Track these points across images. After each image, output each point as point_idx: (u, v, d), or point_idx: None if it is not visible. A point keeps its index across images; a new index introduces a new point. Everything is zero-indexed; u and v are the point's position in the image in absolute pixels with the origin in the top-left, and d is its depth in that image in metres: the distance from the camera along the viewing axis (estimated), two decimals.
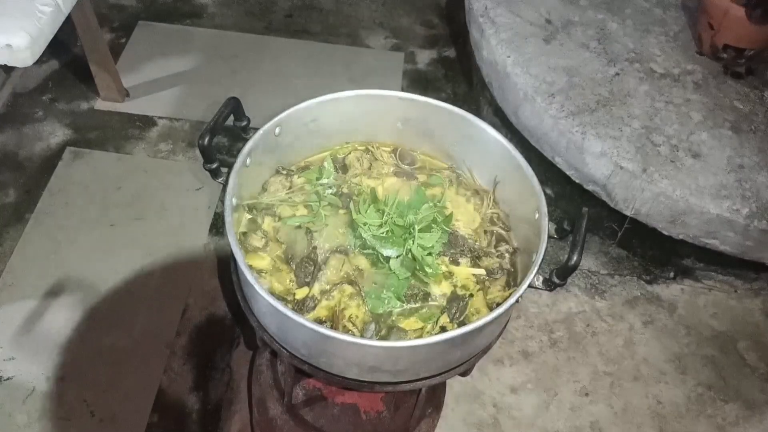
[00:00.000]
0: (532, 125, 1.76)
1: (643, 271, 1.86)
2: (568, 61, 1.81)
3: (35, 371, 1.53)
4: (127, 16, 2.40)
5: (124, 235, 1.79)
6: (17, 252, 1.73)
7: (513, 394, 1.60)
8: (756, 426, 1.61)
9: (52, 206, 1.83)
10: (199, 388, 1.55)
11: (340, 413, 1.25)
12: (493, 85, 1.90)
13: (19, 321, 1.61)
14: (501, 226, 1.13)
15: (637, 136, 1.65)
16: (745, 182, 1.60)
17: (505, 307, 0.93)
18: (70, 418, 1.47)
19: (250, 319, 1.02)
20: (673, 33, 1.93)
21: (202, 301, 1.69)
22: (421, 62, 2.40)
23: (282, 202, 1.10)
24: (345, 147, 1.21)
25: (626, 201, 1.65)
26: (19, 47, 1.42)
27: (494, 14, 1.91)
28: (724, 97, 1.77)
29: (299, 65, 2.31)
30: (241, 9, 2.50)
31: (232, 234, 0.93)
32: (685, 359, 1.70)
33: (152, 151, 2.00)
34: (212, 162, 1.03)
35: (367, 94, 1.15)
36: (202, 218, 1.85)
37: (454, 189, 1.16)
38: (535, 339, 1.70)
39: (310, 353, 0.96)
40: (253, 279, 0.90)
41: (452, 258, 1.07)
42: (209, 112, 2.10)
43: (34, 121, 2.04)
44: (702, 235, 1.63)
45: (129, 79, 2.16)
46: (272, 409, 1.29)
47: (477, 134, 1.13)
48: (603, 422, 1.58)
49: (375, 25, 2.51)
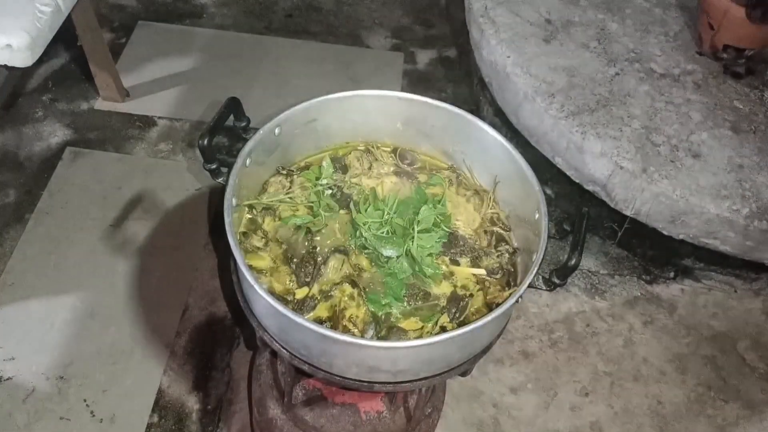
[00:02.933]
0: (532, 125, 1.76)
1: (643, 271, 1.86)
2: (568, 61, 1.81)
3: (35, 371, 1.53)
4: (127, 16, 2.40)
5: (124, 235, 1.79)
6: (17, 252, 1.73)
7: (513, 394, 1.60)
8: (756, 426, 1.61)
9: (52, 206, 1.83)
10: (199, 388, 1.55)
11: (340, 413, 1.25)
12: (493, 85, 1.90)
13: (19, 321, 1.61)
14: (501, 226, 1.13)
15: (637, 136, 1.65)
16: (745, 182, 1.60)
17: (505, 307, 0.93)
18: (70, 418, 1.47)
19: (250, 320, 1.02)
20: (673, 33, 1.93)
21: (202, 301, 1.69)
22: (421, 62, 2.40)
23: (282, 202, 1.10)
24: (345, 147, 1.21)
25: (626, 201, 1.65)
26: (19, 47, 1.43)
27: (494, 14, 1.91)
28: (724, 97, 1.77)
29: (299, 65, 2.31)
30: (241, 9, 2.50)
31: (232, 234, 0.93)
32: (685, 359, 1.70)
33: (152, 151, 2.00)
34: (212, 162, 1.03)
35: (367, 94, 1.15)
36: (202, 218, 1.85)
37: (454, 189, 1.16)
38: (535, 339, 1.70)
39: (310, 353, 0.96)
40: (253, 279, 0.90)
41: (452, 258, 1.08)
42: (209, 112, 2.10)
43: (34, 121, 2.04)
44: (702, 235, 1.63)
45: (129, 79, 2.16)
46: (272, 409, 1.29)
47: (477, 134, 1.13)
48: (603, 422, 1.58)
49: (375, 25, 2.51)
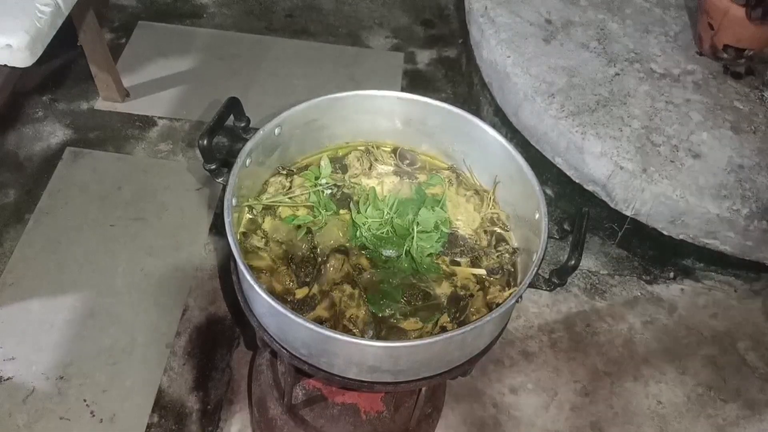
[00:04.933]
0: (532, 125, 1.76)
1: (643, 271, 1.86)
2: (568, 61, 1.81)
3: (35, 371, 1.53)
4: (127, 16, 2.40)
5: (124, 235, 1.79)
6: (17, 252, 1.73)
7: (513, 394, 1.60)
8: (756, 426, 1.61)
9: (52, 206, 1.83)
10: (199, 388, 1.55)
11: (340, 413, 1.25)
12: (493, 85, 1.90)
13: (19, 321, 1.61)
14: (501, 226, 1.13)
15: (637, 136, 1.65)
16: (745, 182, 1.60)
17: (505, 307, 0.93)
18: (70, 418, 1.47)
19: (250, 319, 1.02)
20: (673, 33, 1.93)
21: (202, 301, 1.69)
22: (421, 62, 2.40)
23: (282, 202, 1.10)
24: (345, 147, 1.21)
25: (626, 201, 1.65)
26: (19, 47, 1.42)
27: (494, 14, 1.91)
28: (724, 97, 1.77)
29: (299, 65, 2.31)
30: (241, 9, 2.50)
31: (232, 234, 0.93)
32: (685, 359, 1.70)
33: (152, 151, 2.00)
34: (212, 162, 1.03)
35: (367, 94, 1.15)
36: (202, 218, 1.85)
37: (454, 189, 1.16)
38: (535, 339, 1.70)
39: (310, 353, 0.96)
40: (253, 279, 0.90)
41: (452, 258, 1.08)
42: (209, 112, 2.10)
43: (34, 121, 2.04)
44: (702, 235, 1.63)
45: (129, 79, 2.16)
46: (272, 409, 1.29)
47: (477, 134, 1.13)
48: (603, 422, 1.58)
49: (375, 25, 2.51)
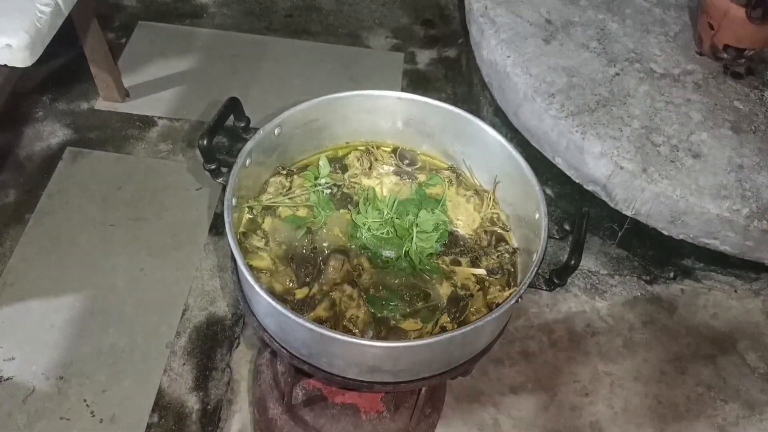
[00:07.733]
0: (532, 125, 1.76)
1: (643, 271, 1.86)
2: (568, 61, 1.81)
3: (35, 371, 1.53)
4: (127, 16, 2.40)
5: (124, 235, 1.79)
6: (17, 252, 1.73)
7: (513, 394, 1.60)
8: (756, 426, 1.61)
9: (52, 206, 1.83)
10: (199, 388, 1.55)
11: (340, 413, 1.25)
12: (493, 85, 1.90)
13: (19, 321, 1.61)
14: (501, 226, 1.13)
15: (637, 136, 1.65)
16: (745, 182, 1.60)
17: (505, 307, 0.93)
18: (70, 418, 1.47)
19: (250, 319, 1.02)
20: (673, 33, 1.93)
21: (202, 301, 1.69)
22: (421, 62, 2.40)
23: (282, 203, 1.10)
24: (345, 147, 1.21)
25: (626, 201, 1.65)
26: (19, 47, 1.42)
27: (494, 14, 1.91)
28: (724, 97, 1.77)
29: (299, 65, 2.31)
30: (241, 9, 2.50)
31: (232, 234, 0.93)
32: (685, 359, 1.70)
33: (152, 151, 2.00)
34: (212, 162, 1.03)
35: (367, 94, 1.15)
36: (202, 218, 1.85)
37: (454, 189, 1.16)
38: (535, 339, 1.70)
39: (310, 353, 0.96)
40: (253, 279, 0.90)
41: (452, 258, 1.08)
42: (209, 112, 2.10)
43: (34, 121, 2.04)
44: (702, 235, 1.63)
45: (129, 79, 2.16)
46: (272, 409, 1.29)
47: (477, 134, 1.13)
48: (603, 422, 1.58)
49: (375, 25, 2.51)
